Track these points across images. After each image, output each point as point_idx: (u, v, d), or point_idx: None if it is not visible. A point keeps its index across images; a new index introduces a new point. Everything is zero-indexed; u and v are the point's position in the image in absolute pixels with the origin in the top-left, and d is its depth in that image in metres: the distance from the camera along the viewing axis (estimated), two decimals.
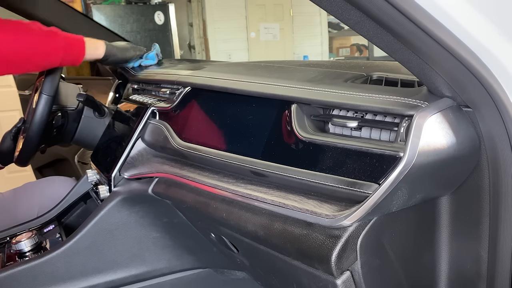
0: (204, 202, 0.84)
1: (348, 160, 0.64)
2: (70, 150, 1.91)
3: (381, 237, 0.65)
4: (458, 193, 0.66)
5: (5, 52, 1.04)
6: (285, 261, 0.73)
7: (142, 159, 1.04)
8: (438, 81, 0.59)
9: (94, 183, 1.18)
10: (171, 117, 1.00)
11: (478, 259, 0.67)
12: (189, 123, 0.95)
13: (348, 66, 0.93)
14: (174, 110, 1.00)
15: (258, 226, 0.73)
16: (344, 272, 0.64)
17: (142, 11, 4.90)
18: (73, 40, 1.15)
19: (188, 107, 0.97)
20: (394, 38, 0.57)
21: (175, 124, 0.98)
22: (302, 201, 0.68)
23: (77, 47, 1.15)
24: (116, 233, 1.03)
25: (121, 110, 1.28)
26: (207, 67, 1.14)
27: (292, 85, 0.77)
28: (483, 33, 0.53)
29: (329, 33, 6.54)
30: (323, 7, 0.58)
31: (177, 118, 0.99)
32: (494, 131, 0.58)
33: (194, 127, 0.94)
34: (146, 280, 1.09)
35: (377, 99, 0.64)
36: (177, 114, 0.99)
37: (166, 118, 1.02)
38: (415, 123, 0.57)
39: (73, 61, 1.15)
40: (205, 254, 1.13)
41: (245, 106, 0.84)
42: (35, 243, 1.06)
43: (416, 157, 0.56)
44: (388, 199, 0.59)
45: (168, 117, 1.01)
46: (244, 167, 0.79)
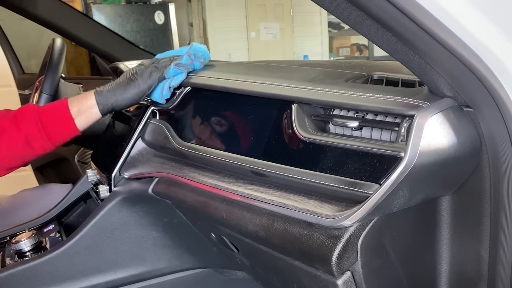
0: (204, 202, 0.84)
1: (348, 160, 0.64)
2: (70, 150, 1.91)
3: (382, 237, 0.65)
4: (459, 193, 0.66)
5: None
6: (285, 261, 0.73)
7: (142, 158, 1.04)
8: (439, 81, 0.59)
9: (94, 183, 1.18)
10: (172, 117, 1.00)
11: (479, 259, 0.67)
12: (189, 123, 0.95)
13: (349, 66, 0.93)
14: (174, 110, 1.00)
15: (259, 226, 0.73)
16: (344, 272, 0.63)
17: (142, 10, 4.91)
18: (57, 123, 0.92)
19: (189, 107, 0.97)
20: (395, 38, 0.56)
21: (176, 124, 0.98)
22: (302, 201, 0.68)
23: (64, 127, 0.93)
24: (116, 233, 1.03)
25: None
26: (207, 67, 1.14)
27: (293, 85, 0.77)
28: (484, 33, 0.53)
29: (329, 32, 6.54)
30: (324, 7, 0.58)
31: (177, 118, 0.99)
32: (495, 131, 0.58)
33: (194, 127, 0.94)
34: (146, 280, 1.09)
35: (378, 99, 0.64)
36: (177, 114, 0.99)
37: (166, 117, 1.02)
38: (416, 123, 0.57)
39: (69, 138, 0.95)
40: (205, 254, 1.13)
41: (246, 106, 0.84)
42: (35, 243, 1.06)
43: (417, 157, 0.56)
44: (389, 199, 0.58)
45: (168, 117, 1.01)
46: (245, 167, 0.79)
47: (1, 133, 0.90)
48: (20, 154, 0.92)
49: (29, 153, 0.93)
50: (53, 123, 0.92)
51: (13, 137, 0.90)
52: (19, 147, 0.91)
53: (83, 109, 0.93)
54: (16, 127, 0.91)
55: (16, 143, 0.91)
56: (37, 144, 0.92)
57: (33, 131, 0.91)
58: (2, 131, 0.91)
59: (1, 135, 0.90)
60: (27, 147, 0.91)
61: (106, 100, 0.94)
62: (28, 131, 0.91)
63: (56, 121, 0.93)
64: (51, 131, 0.92)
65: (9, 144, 0.91)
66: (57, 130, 0.93)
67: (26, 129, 0.91)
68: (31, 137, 0.91)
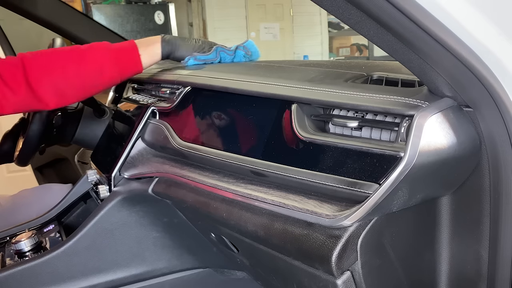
0: (204, 202, 0.84)
1: (348, 160, 0.64)
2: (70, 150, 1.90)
3: (382, 237, 0.65)
4: (459, 193, 0.66)
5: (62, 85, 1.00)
6: (285, 261, 0.73)
7: (142, 159, 1.04)
8: (438, 81, 0.59)
9: (94, 183, 1.18)
10: (171, 117, 1.00)
11: (478, 259, 0.67)
12: (189, 123, 0.95)
13: (349, 66, 0.93)
14: (174, 110, 1.00)
15: (258, 226, 0.73)
16: (344, 272, 0.64)
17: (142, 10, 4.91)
18: (125, 57, 1.06)
19: (188, 107, 0.97)
20: (394, 38, 0.57)
21: (175, 124, 0.98)
22: (302, 201, 0.68)
23: (132, 63, 1.07)
24: (116, 233, 1.03)
25: (121, 110, 1.28)
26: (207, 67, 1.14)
27: (293, 85, 0.77)
28: (483, 33, 0.53)
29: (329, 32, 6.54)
30: (324, 7, 0.58)
31: (177, 118, 0.99)
32: (495, 131, 0.58)
33: (194, 127, 0.94)
34: (146, 280, 1.09)
35: (378, 99, 0.64)
36: (177, 114, 0.99)
37: (166, 118, 1.02)
38: (416, 123, 0.57)
39: (132, 75, 1.10)
40: (205, 254, 1.13)
41: (245, 106, 0.84)
42: (35, 243, 1.06)
43: (417, 157, 0.56)
44: (388, 199, 0.58)
45: (168, 117, 1.01)
46: (244, 167, 0.79)
47: (79, 59, 1.01)
48: (93, 81, 1.04)
49: (100, 82, 1.04)
50: (124, 57, 1.06)
51: (90, 64, 1.02)
52: (95, 74, 1.03)
53: (149, 50, 1.10)
54: (93, 56, 1.03)
55: (93, 69, 1.02)
56: (108, 74, 1.04)
57: (107, 62, 1.03)
58: (80, 56, 1.02)
59: (79, 60, 1.01)
60: (99, 76, 1.03)
61: (169, 45, 1.12)
62: (103, 61, 1.03)
63: (127, 56, 1.06)
64: (122, 64, 1.05)
65: (86, 70, 1.02)
66: (127, 64, 1.07)
67: (101, 59, 1.03)
68: (105, 67, 1.03)
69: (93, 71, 1.02)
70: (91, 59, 1.02)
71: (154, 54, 1.11)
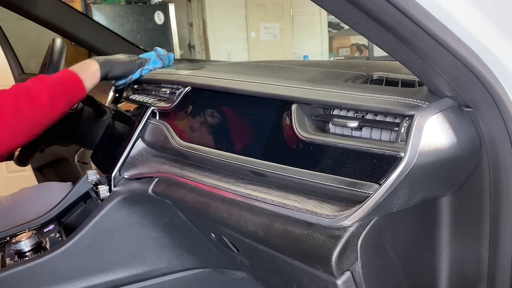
0: (204, 202, 0.84)
1: (348, 160, 0.64)
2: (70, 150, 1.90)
3: (382, 237, 0.65)
4: (459, 193, 0.66)
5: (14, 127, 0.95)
6: (285, 261, 0.73)
7: (142, 159, 1.04)
8: (438, 81, 0.59)
9: (94, 183, 1.18)
10: (171, 117, 1.00)
11: (478, 259, 0.67)
12: (189, 123, 0.95)
13: (349, 66, 0.93)
14: (174, 110, 1.00)
15: (258, 226, 0.73)
16: (344, 272, 0.63)
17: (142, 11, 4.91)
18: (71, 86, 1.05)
19: (188, 107, 0.97)
20: (394, 38, 0.56)
21: (175, 124, 0.98)
22: (302, 201, 0.68)
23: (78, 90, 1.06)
24: (116, 233, 1.03)
25: (121, 110, 1.28)
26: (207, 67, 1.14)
27: (293, 85, 0.77)
28: (483, 33, 0.53)
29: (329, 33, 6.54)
30: (324, 7, 0.58)
31: (177, 118, 0.99)
32: (495, 131, 0.58)
33: (194, 127, 0.94)
34: (146, 280, 1.09)
35: (378, 99, 0.64)
36: (177, 114, 0.99)
37: (166, 118, 1.02)
38: (416, 123, 0.57)
39: (78, 100, 1.09)
40: (205, 254, 1.13)
41: (245, 106, 0.84)
42: (35, 243, 1.06)
43: (417, 157, 0.56)
44: (388, 199, 0.58)
45: (168, 117, 1.01)
46: (244, 167, 0.79)
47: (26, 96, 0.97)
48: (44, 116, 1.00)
49: (51, 115, 1.02)
50: (68, 84, 1.05)
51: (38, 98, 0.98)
52: (45, 109, 0.99)
53: (89, 74, 1.09)
54: (38, 89, 0.99)
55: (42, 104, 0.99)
56: (59, 105, 1.01)
57: (55, 92, 1.01)
58: (27, 93, 0.98)
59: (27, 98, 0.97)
60: (50, 109, 1.00)
61: (105, 66, 1.13)
62: (50, 93, 1.00)
63: (70, 84, 1.05)
64: (68, 92, 1.04)
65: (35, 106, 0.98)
66: (72, 91, 1.05)
67: (48, 90, 1.00)
68: (54, 98, 1.00)
69: (44, 106, 0.99)
70: (39, 94, 0.98)
71: (94, 76, 1.11)
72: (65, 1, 1.81)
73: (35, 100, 0.97)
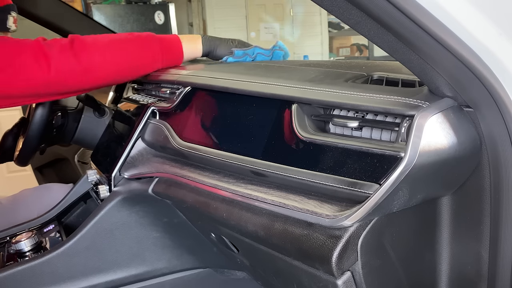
0: (204, 202, 0.84)
1: (348, 160, 0.64)
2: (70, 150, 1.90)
3: (382, 237, 0.65)
4: (459, 193, 0.66)
5: (114, 67, 1.05)
6: (285, 261, 0.73)
7: (142, 159, 1.04)
8: (439, 81, 0.59)
9: (94, 183, 1.18)
10: (171, 116, 1.00)
11: (479, 259, 0.67)
12: (189, 123, 0.95)
13: (349, 66, 0.93)
14: (174, 110, 1.00)
15: (259, 226, 0.73)
16: (344, 272, 0.63)
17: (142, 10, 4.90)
18: (170, 42, 1.14)
19: (188, 106, 0.97)
20: (395, 38, 0.56)
21: (175, 124, 0.98)
22: (302, 201, 0.68)
23: (175, 49, 1.14)
24: (116, 233, 1.03)
25: (121, 109, 1.28)
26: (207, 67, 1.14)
27: (293, 85, 0.77)
28: (484, 33, 0.53)
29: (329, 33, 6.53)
30: (324, 7, 0.58)
31: (177, 118, 0.99)
32: (495, 131, 0.58)
33: (194, 127, 0.94)
34: (146, 280, 1.09)
35: (378, 99, 0.64)
36: (177, 113, 0.99)
37: (166, 117, 1.02)
38: (416, 123, 0.57)
39: (173, 62, 1.15)
40: (205, 254, 1.13)
41: (246, 106, 0.84)
42: (35, 243, 1.06)
43: (417, 157, 0.56)
44: (389, 199, 0.58)
45: (168, 117, 1.01)
46: (245, 167, 0.79)
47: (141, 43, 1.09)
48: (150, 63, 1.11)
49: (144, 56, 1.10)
50: (167, 44, 1.13)
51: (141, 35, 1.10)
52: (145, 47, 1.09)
53: (191, 45, 1.18)
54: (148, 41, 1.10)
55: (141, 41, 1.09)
56: (154, 48, 1.10)
57: (153, 39, 1.11)
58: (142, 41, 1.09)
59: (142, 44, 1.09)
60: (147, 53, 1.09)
61: (209, 44, 1.21)
62: (148, 39, 1.10)
63: (170, 44, 1.14)
64: (166, 47, 1.13)
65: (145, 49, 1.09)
66: (169, 51, 1.13)
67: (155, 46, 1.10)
68: (152, 41, 1.10)
69: (148, 56, 1.09)
70: (148, 44, 1.09)
71: (196, 50, 1.19)
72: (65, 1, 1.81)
73: (134, 36, 1.09)
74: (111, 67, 1.05)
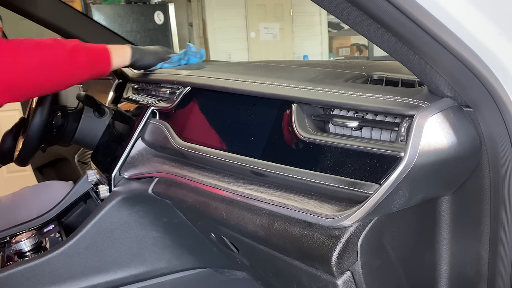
0: (204, 202, 0.84)
1: (348, 160, 0.64)
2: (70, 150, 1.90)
3: (382, 237, 0.65)
4: (459, 193, 0.66)
5: (30, 76, 0.97)
6: (285, 261, 0.73)
7: (142, 159, 1.04)
8: (438, 81, 0.59)
9: (94, 183, 1.18)
10: (171, 117, 1.00)
11: (478, 259, 0.67)
12: (189, 123, 0.95)
13: (349, 66, 0.93)
14: (174, 110, 1.00)
15: (259, 226, 0.73)
16: (344, 272, 0.63)
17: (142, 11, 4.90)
18: (97, 52, 1.09)
19: (188, 107, 0.97)
20: (394, 38, 0.56)
21: (175, 124, 0.98)
22: (302, 201, 0.68)
23: (103, 59, 1.09)
24: (116, 233, 1.03)
25: (121, 110, 1.28)
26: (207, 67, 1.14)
27: (293, 85, 0.77)
28: (484, 33, 0.53)
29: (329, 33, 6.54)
30: (324, 7, 0.58)
31: (177, 118, 0.99)
32: (495, 131, 0.58)
33: (194, 127, 0.94)
34: (146, 280, 1.09)
35: (378, 99, 0.64)
36: (177, 114, 0.99)
37: (166, 118, 1.02)
38: (416, 123, 0.57)
39: (100, 73, 1.10)
40: (205, 254, 1.13)
41: (246, 106, 0.84)
42: (35, 243, 1.06)
43: (417, 157, 0.56)
44: (388, 199, 0.58)
45: (168, 117, 1.01)
46: (244, 167, 0.79)
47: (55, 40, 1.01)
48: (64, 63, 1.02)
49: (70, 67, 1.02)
50: (95, 54, 1.08)
51: (64, 45, 1.02)
52: (66, 57, 1.01)
53: (119, 53, 1.13)
54: (67, 41, 1.04)
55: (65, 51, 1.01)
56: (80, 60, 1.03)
57: (80, 48, 1.04)
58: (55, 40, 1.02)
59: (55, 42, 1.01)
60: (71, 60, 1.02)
61: (137, 53, 1.16)
62: (77, 46, 1.04)
63: (97, 54, 1.08)
64: (93, 55, 1.07)
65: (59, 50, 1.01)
66: (97, 57, 1.08)
67: (76, 44, 1.04)
68: (78, 51, 1.03)
69: (65, 53, 1.01)
70: (66, 42, 1.02)
71: (124, 57, 1.13)
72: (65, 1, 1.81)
73: (59, 44, 1.01)
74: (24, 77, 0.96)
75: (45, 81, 1.00)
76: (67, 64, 1.01)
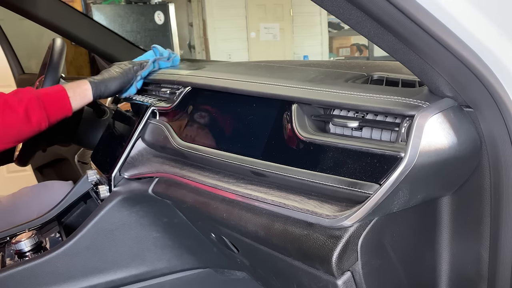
0: (204, 202, 0.84)
1: (349, 160, 0.64)
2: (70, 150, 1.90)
3: (382, 237, 0.65)
4: (459, 193, 0.66)
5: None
6: (285, 262, 0.73)
7: (142, 159, 1.04)
8: (439, 81, 0.59)
9: (94, 183, 1.18)
10: (171, 117, 1.00)
11: (479, 259, 0.67)
12: (189, 123, 0.95)
13: (349, 66, 0.93)
14: (174, 110, 1.00)
15: (259, 226, 0.73)
16: (345, 272, 0.63)
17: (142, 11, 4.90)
18: (54, 101, 1.02)
19: (188, 107, 0.97)
20: (395, 38, 0.56)
21: (175, 124, 0.98)
22: (302, 201, 0.68)
23: (61, 106, 1.03)
24: (116, 233, 1.03)
25: (121, 110, 1.28)
26: (207, 67, 1.14)
27: (293, 85, 0.77)
28: (484, 33, 0.53)
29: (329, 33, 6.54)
30: (324, 7, 0.58)
31: (177, 118, 0.99)
32: (495, 131, 0.58)
33: (194, 127, 0.94)
34: (146, 280, 1.09)
35: (378, 99, 0.64)
36: (177, 114, 0.99)
37: (166, 118, 1.02)
38: (416, 123, 0.57)
39: (61, 119, 1.06)
40: (205, 254, 1.13)
41: (246, 106, 0.84)
42: (35, 243, 1.06)
43: (417, 157, 0.56)
44: (389, 200, 0.58)
45: (168, 117, 1.01)
46: (245, 167, 0.78)
47: (2, 105, 0.96)
48: (18, 127, 0.99)
49: (25, 128, 0.99)
50: (51, 100, 1.03)
51: (14, 108, 0.97)
52: (19, 120, 0.98)
53: (78, 92, 1.07)
54: (18, 100, 0.98)
55: (17, 114, 0.97)
56: (35, 118, 0.99)
57: (33, 105, 0.99)
58: (3, 102, 0.97)
59: (2, 107, 0.96)
60: (25, 121, 0.98)
61: (98, 86, 1.09)
62: (28, 105, 0.98)
63: (54, 99, 1.03)
64: (49, 107, 1.02)
65: (10, 116, 0.97)
66: (54, 107, 1.03)
67: (26, 102, 0.98)
68: (31, 110, 0.98)
69: (19, 117, 0.97)
70: (17, 105, 0.97)
71: (84, 96, 1.08)
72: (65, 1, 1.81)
73: (10, 110, 0.96)
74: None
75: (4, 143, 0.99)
76: (23, 125, 0.98)
